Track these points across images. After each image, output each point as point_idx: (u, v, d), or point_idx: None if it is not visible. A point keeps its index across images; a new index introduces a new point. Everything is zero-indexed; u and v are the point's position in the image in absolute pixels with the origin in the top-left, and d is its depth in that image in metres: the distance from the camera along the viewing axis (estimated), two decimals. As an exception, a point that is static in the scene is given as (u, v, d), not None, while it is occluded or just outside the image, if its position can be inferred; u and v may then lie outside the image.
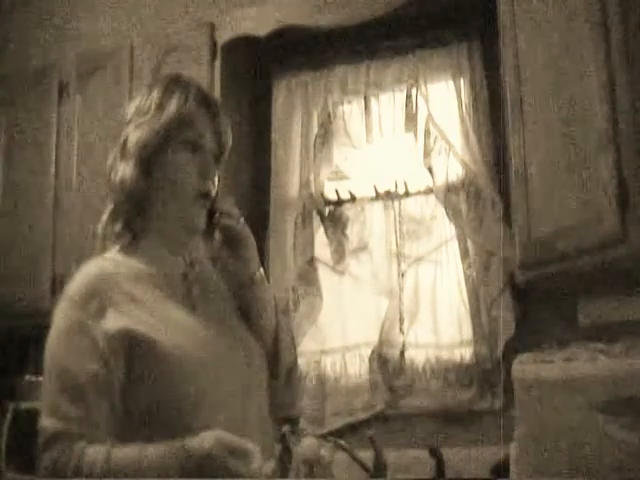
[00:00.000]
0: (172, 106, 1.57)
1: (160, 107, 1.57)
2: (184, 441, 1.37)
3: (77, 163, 3.38)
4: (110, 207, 1.60)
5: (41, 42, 3.63)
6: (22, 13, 3.73)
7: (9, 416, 3.12)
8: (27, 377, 3.21)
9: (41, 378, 3.14)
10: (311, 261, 3.27)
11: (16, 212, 3.47)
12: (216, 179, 1.62)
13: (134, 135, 1.57)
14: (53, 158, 3.43)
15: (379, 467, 2.81)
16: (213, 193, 1.59)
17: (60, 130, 3.44)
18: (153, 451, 1.37)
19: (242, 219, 1.63)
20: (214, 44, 3.19)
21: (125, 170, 1.55)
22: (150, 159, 1.55)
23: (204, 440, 1.36)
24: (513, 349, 2.74)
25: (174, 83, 1.62)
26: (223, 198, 1.62)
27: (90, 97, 3.40)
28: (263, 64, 3.48)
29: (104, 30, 3.50)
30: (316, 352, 3.21)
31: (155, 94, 1.59)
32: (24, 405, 3.09)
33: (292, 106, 3.45)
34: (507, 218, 2.87)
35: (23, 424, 3.06)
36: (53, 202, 3.40)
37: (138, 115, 1.59)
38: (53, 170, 3.42)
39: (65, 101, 3.45)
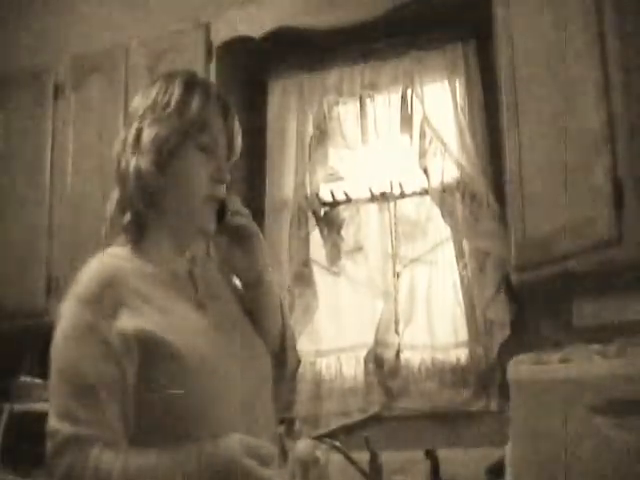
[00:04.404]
0: (194, 107, 1.55)
1: (181, 106, 1.55)
2: (203, 445, 1.35)
3: (72, 164, 3.38)
4: (117, 194, 1.58)
5: (36, 43, 3.63)
6: (17, 14, 3.72)
7: (4, 417, 3.11)
8: (22, 378, 3.20)
9: (37, 379, 3.14)
10: (306, 262, 3.27)
11: (11, 212, 3.47)
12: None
13: (151, 130, 1.54)
14: (48, 159, 3.43)
15: (374, 468, 2.81)
16: (222, 196, 1.59)
17: (55, 131, 3.44)
18: (171, 456, 1.35)
19: (251, 218, 1.63)
20: (209, 45, 3.20)
21: (140, 163, 1.53)
22: (166, 157, 1.53)
23: (226, 444, 1.35)
24: (508, 350, 2.74)
25: (194, 82, 1.60)
26: (231, 197, 1.61)
27: (85, 98, 3.40)
28: (258, 65, 3.48)
29: (99, 31, 3.50)
30: (311, 353, 3.21)
31: (175, 91, 1.56)
32: (19, 406, 3.08)
33: (287, 107, 3.45)
34: (502, 219, 2.87)
35: (18, 426, 3.05)
36: (48, 203, 3.39)
37: (154, 109, 1.56)
38: (48, 170, 3.42)
39: (60, 102, 3.45)
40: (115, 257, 1.54)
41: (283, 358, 1.68)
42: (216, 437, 1.37)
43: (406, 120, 3.20)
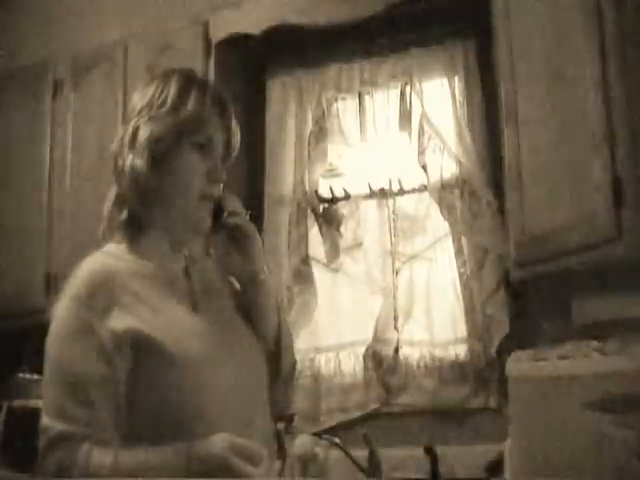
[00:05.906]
0: (190, 105, 1.55)
1: (177, 104, 1.55)
2: (192, 445, 1.35)
3: (71, 161, 3.38)
4: (115, 192, 1.58)
5: (35, 40, 3.62)
6: (17, 11, 3.72)
7: (3, 414, 3.11)
8: (21, 375, 3.20)
9: (35, 376, 3.15)
10: (305, 259, 3.27)
11: (10, 210, 3.47)
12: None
13: (147, 128, 1.54)
14: (47, 156, 3.43)
15: (373, 465, 2.81)
16: (218, 194, 1.59)
17: (54, 128, 3.44)
18: (160, 455, 1.35)
19: (248, 218, 1.63)
20: (208, 42, 3.19)
21: (135, 162, 1.53)
22: (161, 156, 1.54)
23: (214, 444, 1.35)
24: (507, 347, 2.74)
25: (191, 80, 1.60)
26: (228, 196, 1.61)
27: (84, 95, 3.40)
28: (257, 62, 3.48)
29: (98, 28, 3.49)
30: (311, 350, 3.21)
31: (172, 89, 1.56)
32: (18, 403, 3.08)
33: (286, 104, 3.45)
34: (501, 216, 2.87)
35: (17, 423, 3.05)
36: (47, 200, 3.40)
37: (150, 108, 1.56)
38: (47, 168, 3.42)
39: (59, 99, 3.45)
40: (110, 255, 1.55)
41: (278, 358, 1.67)
42: (206, 436, 1.37)
43: (405, 117, 3.20)
